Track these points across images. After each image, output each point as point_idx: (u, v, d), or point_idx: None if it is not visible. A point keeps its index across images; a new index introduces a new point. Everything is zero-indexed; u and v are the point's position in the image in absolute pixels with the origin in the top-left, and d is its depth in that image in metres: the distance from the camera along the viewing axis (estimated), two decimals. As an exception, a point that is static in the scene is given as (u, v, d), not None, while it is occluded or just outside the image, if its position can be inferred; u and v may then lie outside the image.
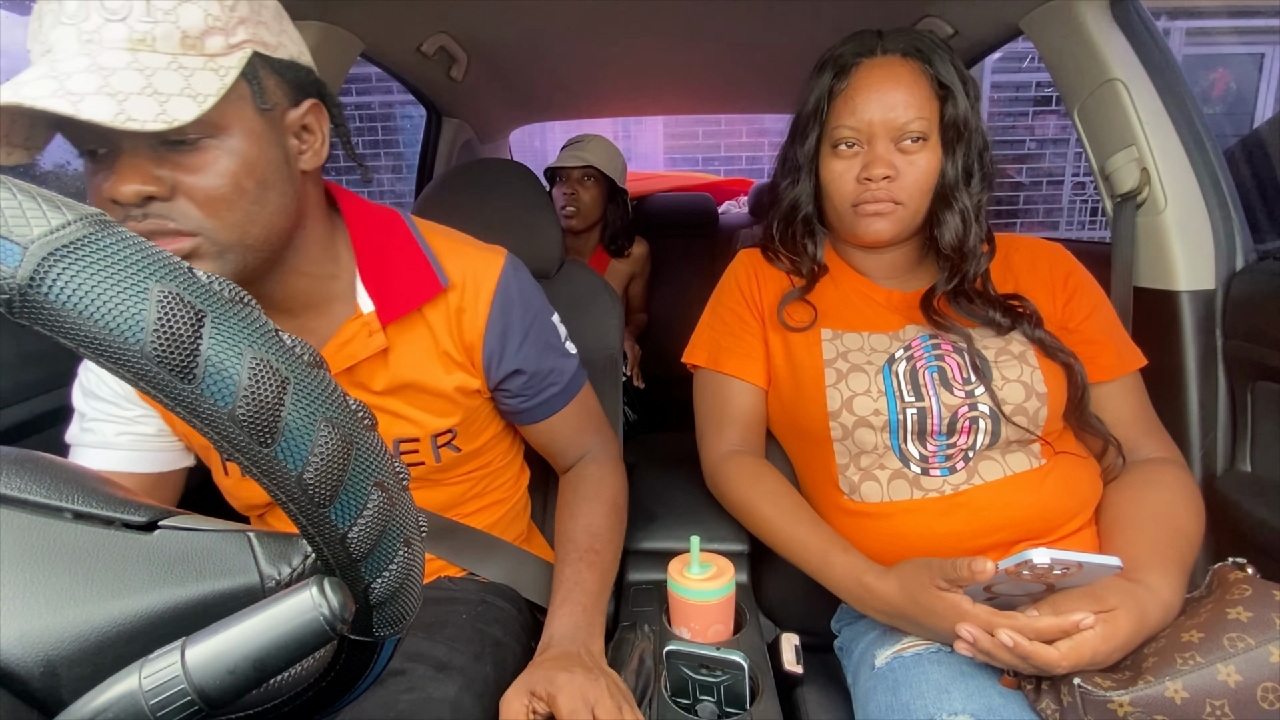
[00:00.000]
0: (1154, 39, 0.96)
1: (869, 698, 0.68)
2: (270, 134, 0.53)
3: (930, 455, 0.74)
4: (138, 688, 0.24)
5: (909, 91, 0.74)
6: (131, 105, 0.43)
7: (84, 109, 0.42)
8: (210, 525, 0.31)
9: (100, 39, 0.45)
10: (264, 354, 0.24)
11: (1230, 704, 0.52)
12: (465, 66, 1.44)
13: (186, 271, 0.23)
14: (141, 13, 0.45)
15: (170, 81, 0.45)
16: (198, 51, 0.47)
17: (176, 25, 0.46)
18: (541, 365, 0.74)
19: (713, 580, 0.71)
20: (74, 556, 0.28)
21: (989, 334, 0.77)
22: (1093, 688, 0.56)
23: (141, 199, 0.48)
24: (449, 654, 0.64)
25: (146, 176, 0.48)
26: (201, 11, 0.47)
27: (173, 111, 0.44)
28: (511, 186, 1.04)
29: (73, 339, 0.22)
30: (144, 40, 0.45)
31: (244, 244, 0.52)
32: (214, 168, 0.49)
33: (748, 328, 0.87)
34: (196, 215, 0.50)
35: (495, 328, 0.69)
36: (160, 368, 0.22)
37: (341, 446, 0.25)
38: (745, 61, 1.58)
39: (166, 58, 0.46)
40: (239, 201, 0.51)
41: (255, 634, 0.26)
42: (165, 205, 0.49)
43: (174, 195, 0.49)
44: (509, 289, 0.70)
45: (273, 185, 0.53)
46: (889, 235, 0.78)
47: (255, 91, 0.51)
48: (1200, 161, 0.93)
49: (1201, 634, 0.56)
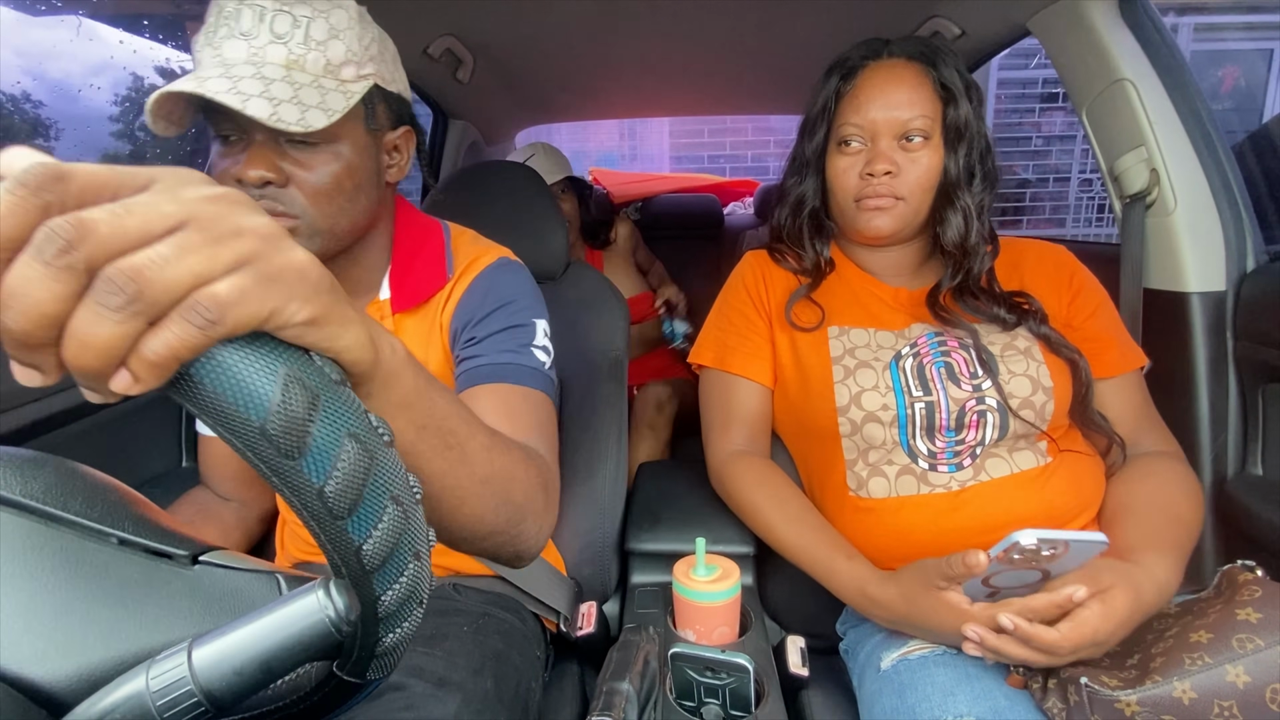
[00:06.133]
0: (1163, 38, 0.95)
1: (874, 700, 0.68)
2: (371, 149, 0.65)
3: (939, 451, 0.74)
4: (145, 688, 0.24)
5: (912, 91, 0.76)
6: (282, 109, 0.54)
7: (249, 107, 0.53)
8: (244, 564, 0.32)
9: (264, 56, 0.57)
10: (355, 428, 0.26)
11: (1239, 705, 0.52)
12: (471, 69, 1.45)
13: (304, 354, 0.25)
14: (299, 40, 0.58)
15: (311, 96, 0.57)
16: (334, 77, 0.59)
17: (324, 54, 0.59)
18: (493, 339, 0.70)
19: (718, 582, 0.71)
20: (121, 584, 0.29)
21: (994, 330, 0.77)
22: (1100, 687, 0.55)
23: (262, 182, 0.58)
24: (448, 669, 0.64)
25: (271, 165, 0.58)
26: (344, 47, 0.60)
27: (310, 120, 0.56)
28: (517, 189, 1.04)
29: (199, 406, 0.23)
30: (297, 62, 0.58)
31: (333, 233, 0.63)
32: (324, 167, 0.61)
33: (754, 328, 0.87)
34: (302, 203, 0.60)
35: (466, 302, 0.73)
36: (269, 443, 0.23)
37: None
38: (751, 62, 1.58)
39: (311, 77, 0.58)
40: (337, 197, 0.62)
41: (262, 636, 0.26)
42: (278, 191, 0.59)
43: (287, 184, 0.60)
44: (493, 274, 0.74)
45: (364, 190, 0.65)
46: (889, 230, 0.79)
47: (368, 114, 0.64)
48: (1210, 162, 0.93)
49: (1210, 634, 0.55)
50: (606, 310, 1.04)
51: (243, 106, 0.53)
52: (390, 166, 0.69)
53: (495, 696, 0.65)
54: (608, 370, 1.00)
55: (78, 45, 1.44)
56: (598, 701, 0.57)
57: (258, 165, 0.58)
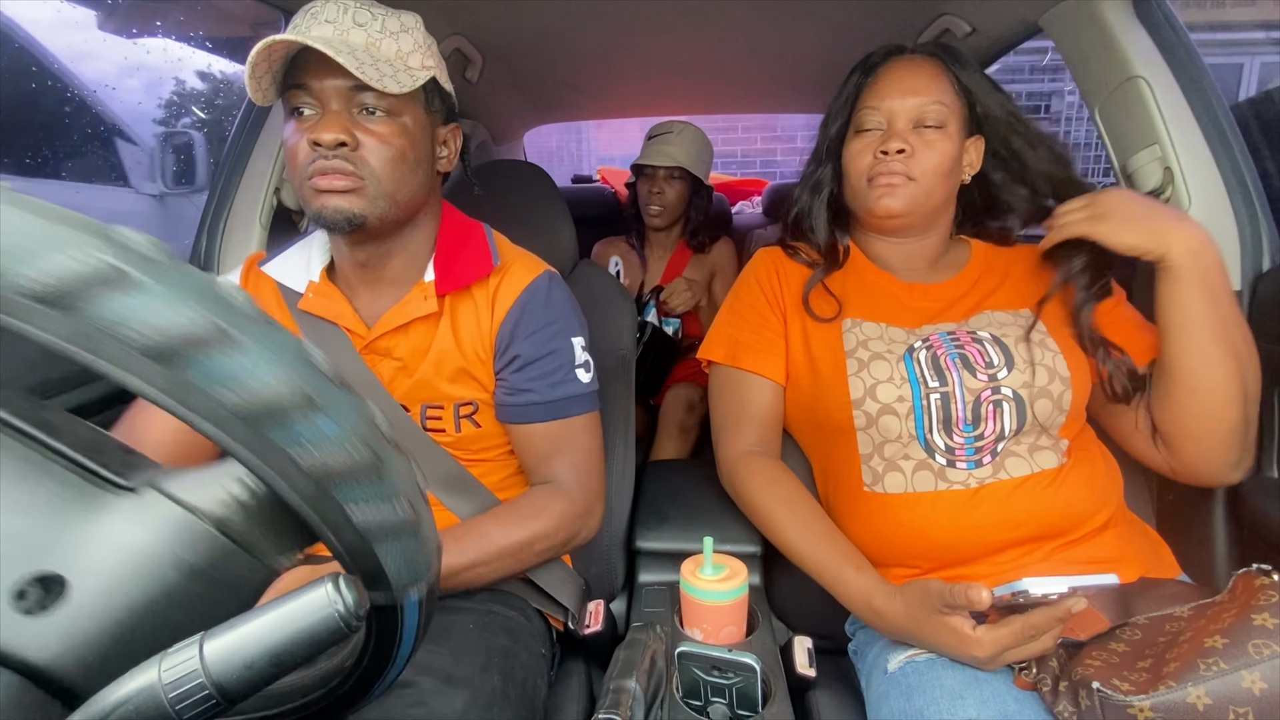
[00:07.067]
0: (1178, 35, 0.94)
1: (882, 702, 0.68)
2: (428, 130, 0.74)
3: (958, 447, 0.74)
4: (157, 681, 0.24)
5: (930, 80, 0.79)
6: (365, 69, 0.64)
7: (341, 57, 0.62)
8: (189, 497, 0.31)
9: (347, 37, 0.67)
10: None
11: (1255, 712, 0.51)
12: (480, 68, 1.45)
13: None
14: (377, 29, 0.69)
15: (387, 70, 0.66)
16: (404, 63, 0.69)
17: (396, 43, 0.69)
18: (538, 364, 0.77)
19: (725, 581, 0.71)
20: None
21: (1008, 321, 0.78)
22: (1112, 691, 0.55)
23: (337, 144, 0.66)
24: (454, 665, 0.65)
25: (345, 130, 0.66)
26: (412, 40, 0.71)
27: (386, 83, 0.65)
28: (526, 188, 1.04)
29: None
30: (374, 44, 0.68)
31: (394, 199, 0.70)
32: (392, 137, 0.69)
33: (767, 324, 0.87)
34: (371, 165, 0.68)
35: (514, 314, 0.78)
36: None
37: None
38: (760, 61, 1.58)
39: (385, 59, 0.68)
40: (401, 165, 0.70)
41: (272, 629, 0.26)
42: (350, 153, 0.67)
43: (358, 148, 0.67)
44: (539, 289, 0.79)
45: (421, 166, 0.73)
46: (899, 209, 0.79)
47: (427, 100, 0.73)
48: (1225, 160, 0.91)
49: (1226, 640, 0.54)
50: (614, 310, 1.04)
51: (336, 55, 0.61)
52: (440, 157, 0.77)
53: (502, 693, 0.65)
54: (615, 370, 0.99)
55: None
56: (604, 700, 0.57)
57: (333, 128, 0.65)
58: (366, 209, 0.68)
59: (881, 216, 0.81)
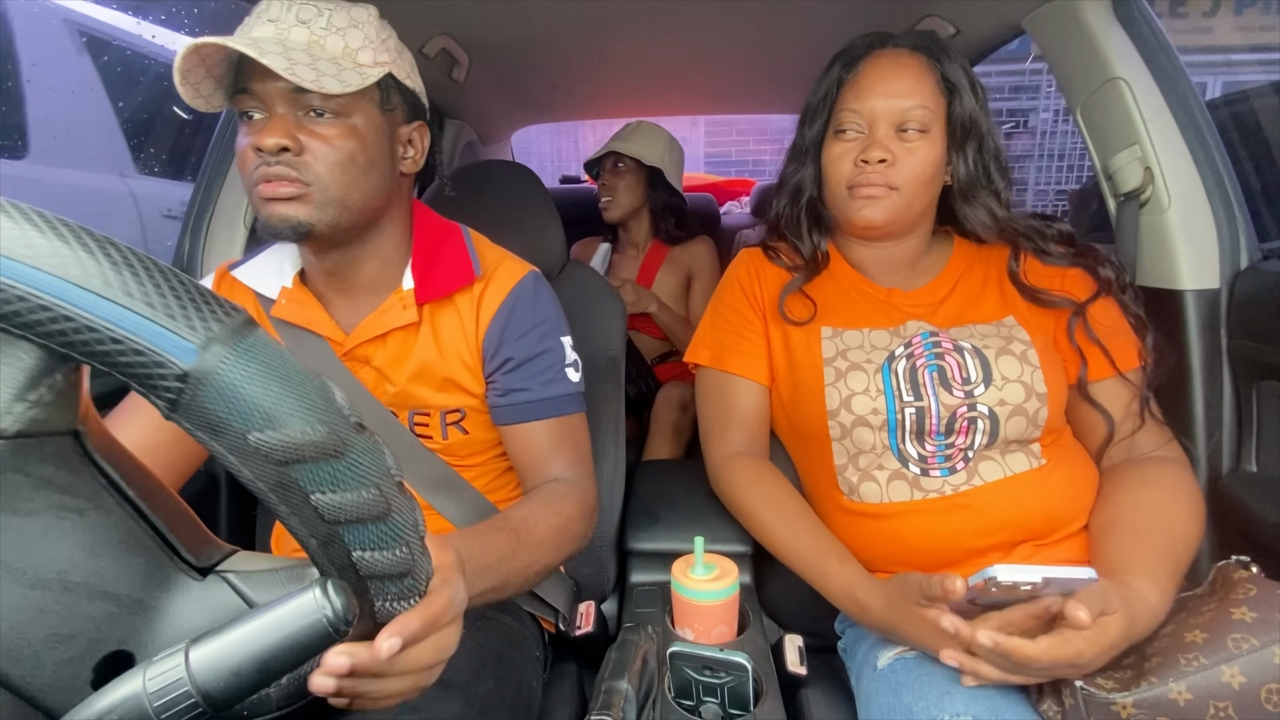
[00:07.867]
0: (1157, 37, 0.95)
1: (872, 699, 0.68)
2: (385, 130, 0.69)
3: (930, 455, 0.74)
4: (142, 690, 0.24)
5: (914, 80, 0.76)
6: (299, 69, 0.59)
7: (267, 59, 0.58)
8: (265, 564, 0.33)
9: (289, 36, 0.63)
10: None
11: (1234, 706, 0.52)
12: (467, 68, 1.44)
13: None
14: (321, 25, 0.64)
15: (328, 68, 0.62)
16: (352, 60, 0.65)
17: (343, 39, 0.65)
18: (530, 364, 0.75)
19: (716, 581, 0.71)
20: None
21: (990, 333, 0.77)
22: (1095, 689, 0.55)
23: (279, 149, 0.62)
24: (449, 670, 0.63)
25: (287, 134, 0.62)
26: (362, 35, 0.66)
27: (324, 84, 0.60)
28: (514, 188, 1.04)
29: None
30: (318, 42, 0.64)
31: (344, 204, 0.66)
32: (338, 139, 0.65)
33: (750, 325, 0.87)
34: (316, 170, 0.64)
35: (501, 318, 0.76)
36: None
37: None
38: (747, 62, 1.58)
39: (330, 56, 0.64)
40: (350, 169, 0.65)
41: (259, 636, 0.26)
42: (294, 159, 0.63)
43: (303, 153, 0.63)
44: (524, 293, 0.77)
45: (376, 168, 0.68)
46: (880, 220, 0.78)
47: (383, 98, 0.68)
48: (1204, 160, 0.93)
49: (1205, 634, 0.55)
50: (604, 310, 1.04)
51: (260, 56, 0.58)
52: (405, 158, 0.73)
53: (497, 696, 0.65)
54: (605, 370, 0.99)
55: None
56: (596, 701, 0.57)
57: (275, 133, 0.62)
58: (314, 216, 0.64)
59: (862, 227, 0.80)
